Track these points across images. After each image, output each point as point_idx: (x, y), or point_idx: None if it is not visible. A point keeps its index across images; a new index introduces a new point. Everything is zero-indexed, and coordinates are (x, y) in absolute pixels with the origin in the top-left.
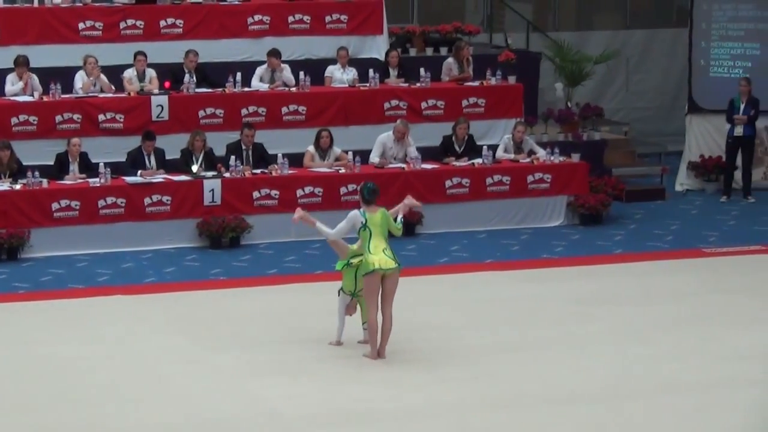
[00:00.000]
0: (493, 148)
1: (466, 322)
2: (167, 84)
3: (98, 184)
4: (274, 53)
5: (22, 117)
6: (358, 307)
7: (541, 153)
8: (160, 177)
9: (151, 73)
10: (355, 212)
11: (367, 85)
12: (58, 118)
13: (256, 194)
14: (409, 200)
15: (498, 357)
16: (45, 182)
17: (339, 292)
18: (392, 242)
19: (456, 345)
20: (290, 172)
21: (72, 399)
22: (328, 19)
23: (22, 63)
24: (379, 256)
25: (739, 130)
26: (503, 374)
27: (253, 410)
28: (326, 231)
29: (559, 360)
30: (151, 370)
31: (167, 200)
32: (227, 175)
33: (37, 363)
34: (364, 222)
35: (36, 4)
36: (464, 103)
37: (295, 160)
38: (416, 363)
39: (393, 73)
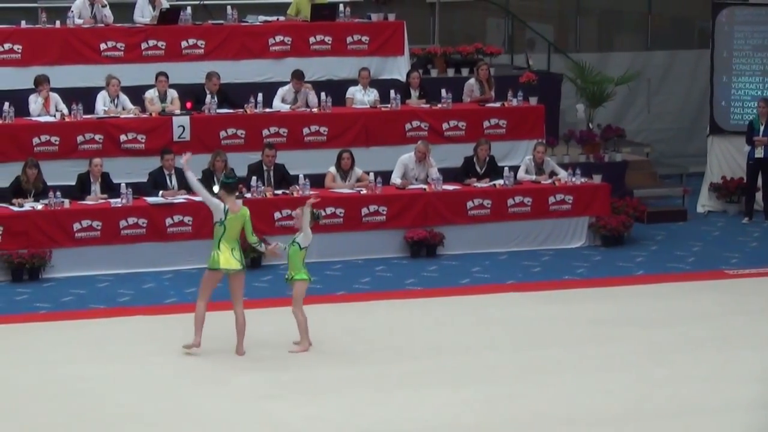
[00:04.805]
0: (515, 169)
1: (488, 343)
2: (189, 104)
3: (120, 205)
4: (298, 75)
5: (44, 137)
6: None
7: (563, 174)
8: (181, 197)
9: (172, 93)
10: (219, 203)
11: (389, 106)
12: (80, 138)
13: (277, 215)
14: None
15: (519, 378)
16: (67, 202)
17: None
18: (415, 264)
19: (478, 366)
20: (311, 192)
21: (92, 420)
22: (349, 40)
23: (42, 81)
24: (226, 256)
25: (759, 152)
26: (524, 395)
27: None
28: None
29: (580, 381)
30: (171, 390)
31: (189, 221)
32: (248, 195)
33: (57, 383)
34: (222, 219)
35: (58, 24)
36: (485, 124)
37: (317, 181)
38: (437, 384)
39: (414, 94)
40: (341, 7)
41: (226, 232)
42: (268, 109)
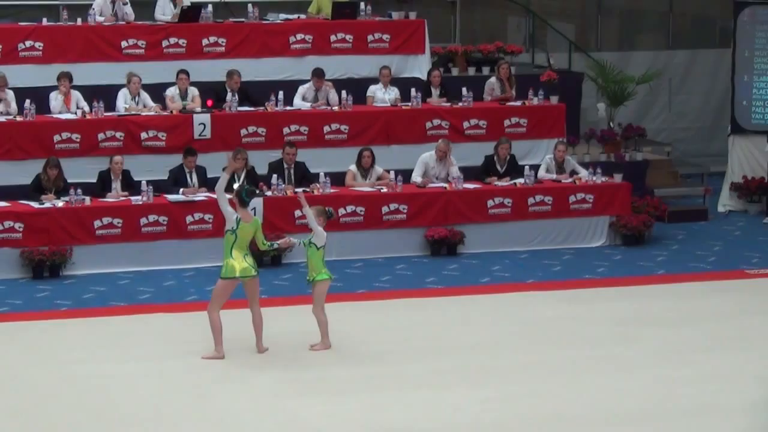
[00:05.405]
0: (535, 168)
1: (507, 342)
2: (209, 102)
3: (140, 202)
4: (319, 73)
5: (65, 135)
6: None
7: (583, 173)
8: (201, 195)
9: (193, 91)
10: (232, 212)
11: (409, 104)
12: (101, 135)
13: (297, 213)
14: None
15: (539, 377)
16: (87, 200)
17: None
18: (436, 262)
19: (497, 365)
20: (332, 191)
21: (110, 418)
22: (370, 38)
23: (62, 77)
24: (241, 263)
25: None
26: (544, 395)
27: (293, 430)
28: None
29: (599, 381)
30: (190, 389)
31: (209, 218)
32: (269, 193)
33: (76, 381)
34: (234, 228)
35: (79, 22)
36: (506, 122)
37: (337, 179)
38: (457, 383)
39: (435, 92)
40: (362, 5)
41: (237, 240)
42: (288, 107)
